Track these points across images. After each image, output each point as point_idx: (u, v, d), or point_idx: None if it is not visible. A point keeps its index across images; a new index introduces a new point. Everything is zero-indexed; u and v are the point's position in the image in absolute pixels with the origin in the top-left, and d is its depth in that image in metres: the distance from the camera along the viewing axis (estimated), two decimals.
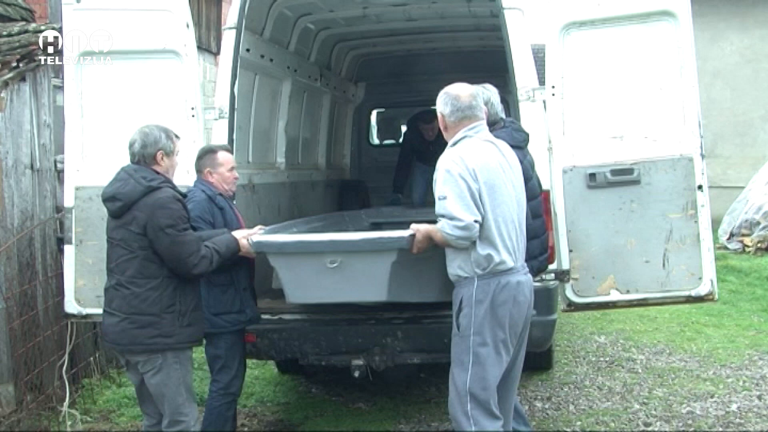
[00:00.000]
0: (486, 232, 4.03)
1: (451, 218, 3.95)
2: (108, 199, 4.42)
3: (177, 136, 4.61)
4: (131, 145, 4.52)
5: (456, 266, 4.12)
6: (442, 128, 4.27)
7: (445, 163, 4.07)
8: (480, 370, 4.08)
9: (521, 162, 4.67)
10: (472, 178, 4.00)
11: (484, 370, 4.09)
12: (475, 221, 3.97)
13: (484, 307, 4.05)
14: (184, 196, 4.66)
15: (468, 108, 4.19)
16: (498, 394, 4.17)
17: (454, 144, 4.17)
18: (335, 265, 4.46)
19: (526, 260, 4.64)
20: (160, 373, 4.38)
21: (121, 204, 4.35)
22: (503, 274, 4.09)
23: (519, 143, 4.75)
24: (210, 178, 4.99)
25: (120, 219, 4.38)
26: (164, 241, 4.30)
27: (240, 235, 4.73)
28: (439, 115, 4.26)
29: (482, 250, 4.04)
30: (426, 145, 8.50)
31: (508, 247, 4.10)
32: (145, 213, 4.31)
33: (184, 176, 5.35)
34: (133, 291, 4.34)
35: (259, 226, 5.08)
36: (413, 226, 4.25)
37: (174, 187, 4.49)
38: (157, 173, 4.44)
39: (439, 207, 4.02)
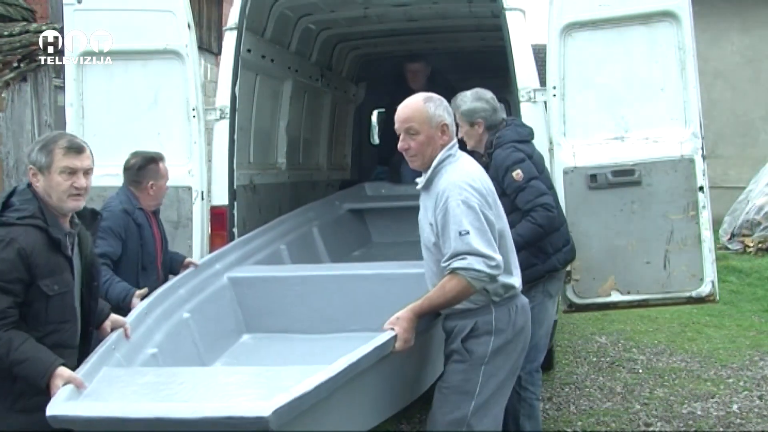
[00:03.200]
0: (504, 259, 3.58)
1: (481, 255, 3.41)
2: None
3: (75, 147, 3.34)
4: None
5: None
6: (441, 143, 3.63)
7: (455, 191, 3.50)
8: (488, 403, 3.63)
9: (531, 156, 4.70)
10: (488, 207, 3.55)
11: (496, 404, 3.66)
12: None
13: (505, 336, 3.63)
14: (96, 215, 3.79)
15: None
16: None
17: (439, 166, 3.62)
18: None
19: (552, 254, 4.69)
20: None
21: None
22: (517, 296, 3.73)
23: (525, 138, 4.77)
24: (148, 192, 4.76)
25: None
26: None
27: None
28: (439, 126, 3.63)
29: (505, 279, 3.60)
30: None
31: (517, 268, 3.76)
32: None
33: (186, 178, 5.38)
34: None
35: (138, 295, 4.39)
36: (390, 321, 3.42)
37: (45, 225, 3.24)
38: (34, 196, 3.30)
39: (461, 244, 3.43)
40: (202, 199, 5.43)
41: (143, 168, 4.77)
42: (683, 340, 7.98)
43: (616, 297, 5.10)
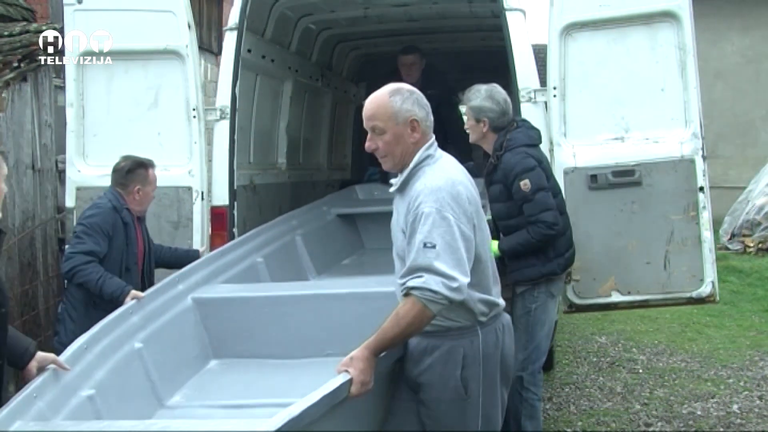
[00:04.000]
0: (480, 276, 3.18)
1: (441, 274, 2.94)
2: None
3: None
4: None
5: (443, 316, 3.10)
6: (412, 141, 3.21)
7: (430, 197, 3.05)
8: None
9: (540, 163, 4.69)
10: (467, 219, 3.09)
11: None
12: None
13: (494, 361, 3.21)
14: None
15: (431, 111, 3.29)
16: None
17: (417, 167, 3.20)
18: None
19: (553, 257, 4.69)
20: None
21: None
22: (501, 314, 3.31)
23: (535, 142, 4.77)
24: (134, 197, 4.75)
25: None
26: None
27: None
28: (406, 121, 3.19)
29: (481, 296, 3.19)
30: None
31: (497, 285, 3.32)
32: None
33: (186, 178, 5.38)
34: None
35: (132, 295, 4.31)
36: (343, 362, 2.97)
37: None
38: None
39: (422, 257, 2.97)
40: (203, 199, 5.42)
41: (132, 172, 4.77)
42: (683, 340, 7.98)
43: (616, 297, 5.10)
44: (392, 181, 3.32)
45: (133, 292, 4.32)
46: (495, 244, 4.64)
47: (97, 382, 3.55)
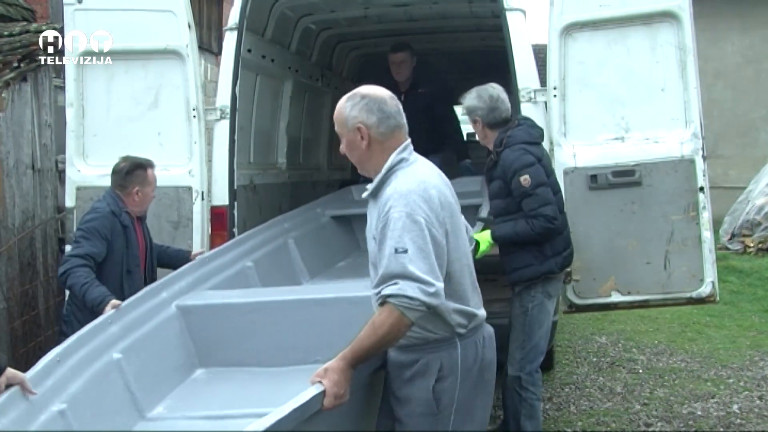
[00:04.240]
0: (456, 285, 3.03)
1: (416, 279, 2.82)
2: None
3: None
4: None
5: (419, 327, 2.95)
6: (364, 147, 3.09)
7: (400, 201, 2.92)
8: None
9: (540, 159, 4.69)
10: (439, 224, 2.94)
11: None
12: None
13: (473, 375, 3.05)
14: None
15: (398, 114, 3.11)
16: None
17: (390, 172, 3.05)
18: None
19: (550, 256, 4.69)
20: None
21: None
22: (483, 325, 3.15)
23: (536, 139, 4.78)
24: (134, 198, 4.76)
25: None
26: None
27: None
28: (354, 128, 3.09)
29: (457, 306, 3.02)
30: (398, 93, 7.57)
31: (477, 295, 3.17)
32: None
33: (186, 178, 5.38)
34: None
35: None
36: (317, 372, 2.85)
37: None
38: None
39: (395, 263, 2.84)
40: (203, 199, 5.43)
41: (131, 173, 4.77)
42: (683, 340, 7.98)
43: (616, 297, 5.10)
44: (368, 186, 3.16)
45: (114, 301, 4.17)
46: (487, 233, 4.66)
47: (70, 396, 3.37)
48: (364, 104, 3.10)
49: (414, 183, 2.96)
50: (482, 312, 3.15)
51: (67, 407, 3.30)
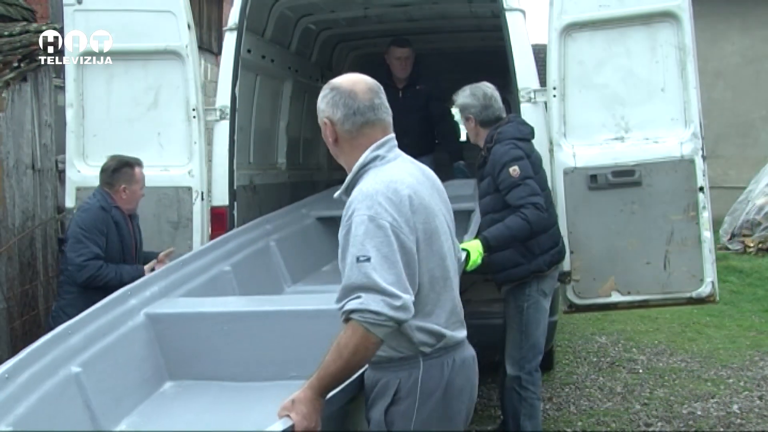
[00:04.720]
0: (424, 299, 2.69)
1: (381, 291, 2.51)
2: None
3: None
4: None
5: (385, 344, 2.62)
6: (330, 141, 2.83)
7: (364, 204, 2.60)
8: None
9: (529, 155, 4.68)
10: (409, 230, 2.62)
11: None
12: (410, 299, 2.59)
13: (434, 401, 2.70)
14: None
15: (370, 109, 2.76)
16: None
17: (362, 170, 2.75)
18: None
19: (538, 254, 4.67)
20: None
21: None
22: (456, 348, 2.78)
23: (526, 136, 4.78)
24: (121, 195, 4.84)
25: None
26: None
27: None
28: (322, 122, 2.81)
29: (421, 323, 2.67)
30: (396, 91, 6.91)
31: (457, 311, 2.83)
32: None
33: (186, 178, 5.37)
34: None
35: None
36: (284, 405, 2.57)
37: None
38: None
39: (357, 274, 2.53)
40: (202, 199, 5.43)
41: (117, 171, 4.86)
42: (683, 340, 7.98)
43: (616, 297, 5.10)
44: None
45: (147, 266, 4.62)
46: (477, 242, 4.45)
47: (17, 417, 3.05)
48: (331, 97, 2.77)
49: (382, 183, 2.64)
50: (456, 333, 2.78)
51: (12, 430, 2.99)
